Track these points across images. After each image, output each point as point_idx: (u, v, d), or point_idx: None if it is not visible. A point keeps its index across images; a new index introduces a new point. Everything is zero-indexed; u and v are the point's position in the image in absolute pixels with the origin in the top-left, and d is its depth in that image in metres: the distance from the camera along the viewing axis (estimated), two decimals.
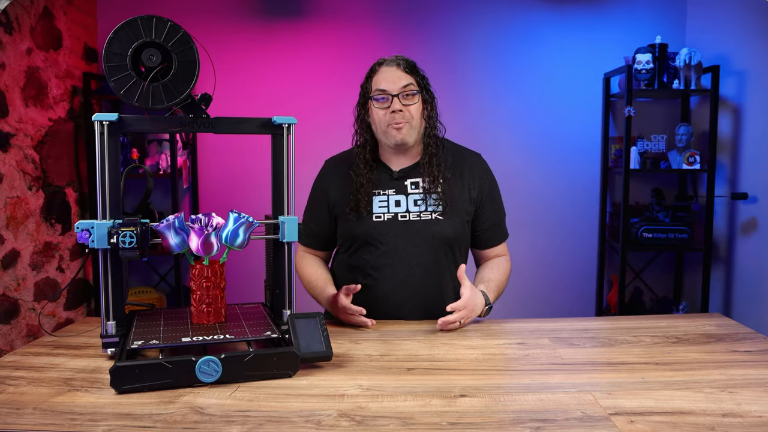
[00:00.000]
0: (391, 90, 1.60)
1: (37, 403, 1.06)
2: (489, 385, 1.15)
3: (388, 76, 1.61)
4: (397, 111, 1.59)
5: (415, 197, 1.66)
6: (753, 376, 1.20)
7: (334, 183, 1.71)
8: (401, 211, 1.65)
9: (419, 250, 1.63)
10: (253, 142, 3.17)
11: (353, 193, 1.64)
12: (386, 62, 1.64)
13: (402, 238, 1.63)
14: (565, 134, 3.37)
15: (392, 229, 1.64)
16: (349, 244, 1.69)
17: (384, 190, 1.67)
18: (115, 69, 1.23)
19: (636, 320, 1.65)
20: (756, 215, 2.84)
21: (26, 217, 2.75)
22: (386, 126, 1.61)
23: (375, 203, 1.66)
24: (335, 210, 1.70)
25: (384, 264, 1.64)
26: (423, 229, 1.63)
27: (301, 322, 1.26)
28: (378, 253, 1.64)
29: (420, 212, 1.64)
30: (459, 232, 1.66)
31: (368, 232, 1.64)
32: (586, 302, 3.46)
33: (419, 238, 1.63)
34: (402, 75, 1.61)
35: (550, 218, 3.39)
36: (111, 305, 1.28)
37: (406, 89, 1.60)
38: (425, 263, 1.64)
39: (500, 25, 3.34)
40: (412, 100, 1.61)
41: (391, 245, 1.63)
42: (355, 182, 1.65)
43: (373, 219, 1.65)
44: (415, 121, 1.62)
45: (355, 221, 1.65)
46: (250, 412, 1.03)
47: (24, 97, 2.72)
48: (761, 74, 2.81)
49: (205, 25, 3.29)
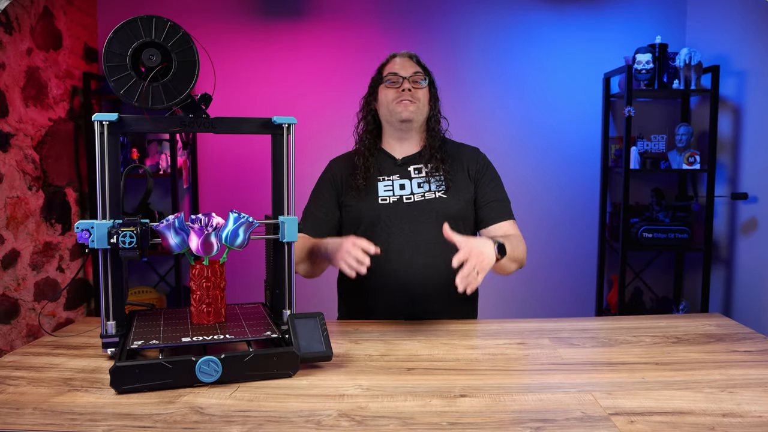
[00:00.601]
0: (402, 73, 1.69)
1: (37, 403, 1.06)
2: (489, 385, 1.15)
3: (400, 64, 1.72)
4: (406, 90, 1.68)
5: (419, 180, 1.71)
6: (753, 376, 1.20)
7: (340, 173, 1.77)
8: (406, 193, 1.70)
9: (426, 227, 1.66)
10: (253, 142, 3.18)
11: (360, 175, 1.70)
12: (399, 54, 1.76)
13: (408, 218, 1.67)
14: (565, 134, 3.37)
15: (398, 210, 1.68)
16: (354, 228, 1.71)
17: (388, 176, 1.72)
18: (115, 69, 1.23)
19: (636, 320, 1.65)
20: (756, 215, 2.84)
21: (26, 217, 2.75)
22: (394, 103, 1.68)
23: (380, 188, 1.71)
24: (342, 196, 1.74)
25: (392, 245, 1.66)
26: (428, 207, 1.68)
27: (301, 322, 1.26)
28: (385, 235, 1.66)
29: (424, 192, 1.69)
30: (463, 209, 1.70)
31: (375, 213, 1.68)
32: (586, 302, 3.46)
33: (425, 217, 1.67)
34: (413, 64, 1.73)
35: (550, 218, 3.39)
36: (111, 305, 1.28)
37: (416, 75, 1.70)
38: (433, 241, 1.65)
39: (500, 25, 3.35)
40: (421, 85, 1.71)
41: (397, 226, 1.67)
42: (361, 167, 1.71)
43: (379, 201, 1.69)
44: (422, 104, 1.70)
45: (362, 204, 1.69)
46: (250, 412, 1.03)
47: (24, 97, 2.72)
48: (761, 74, 2.81)
49: (205, 25, 3.29)
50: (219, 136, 3.28)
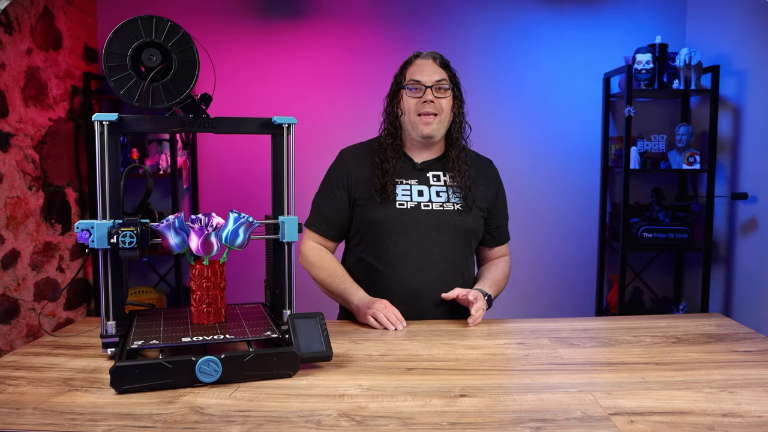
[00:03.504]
0: (425, 81, 1.64)
1: (37, 403, 1.06)
2: (489, 385, 1.15)
3: (423, 68, 1.65)
4: (428, 101, 1.63)
5: (437, 189, 1.69)
6: (753, 376, 1.20)
7: (355, 169, 1.72)
8: (424, 200, 1.68)
9: (441, 239, 1.66)
10: (253, 142, 3.18)
11: (379, 177, 1.66)
12: (422, 55, 1.69)
13: (425, 226, 1.66)
14: (565, 134, 3.37)
15: (415, 216, 1.66)
16: (367, 231, 1.69)
17: (407, 179, 1.70)
18: (115, 69, 1.23)
19: (636, 320, 1.65)
20: (756, 215, 2.84)
21: (26, 217, 2.75)
22: (415, 116, 1.65)
23: (398, 191, 1.68)
24: (355, 195, 1.70)
25: (405, 251, 1.65)
26: (446, 218, 1.66)
27: (301, 322, 1.26)
28: (400, 240, 1.65)
29: (443, 203, 1.68)
30: (477, 226, 1.71)
31: (392, 218, 1.65)
32: (586, 302, 3.46)
33: (442, 227, 1.66)
34: (437, 69, 1.66)
35: (550, 218, 3.39)
36: (111, 305, 1.28)
37: (440, 83, 1.65)
38: (446, 252, 1.66)
39: (500, 25, 3.35)
40: (444, 94, 1.65)
41: (414, 233, 1.65)
42: (381, 168, 1.67)
43: (396, 206, 1.66)
44: (444, 115, 1.66)
45: (379, 206, 1.66)
46: (250, 412, 1.03)
47: (24, 97, 2.72)
48: (761, 74, 2.81)
49: (205, 25, 3.29)
50: (219, 136, 3.28)
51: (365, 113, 1.83)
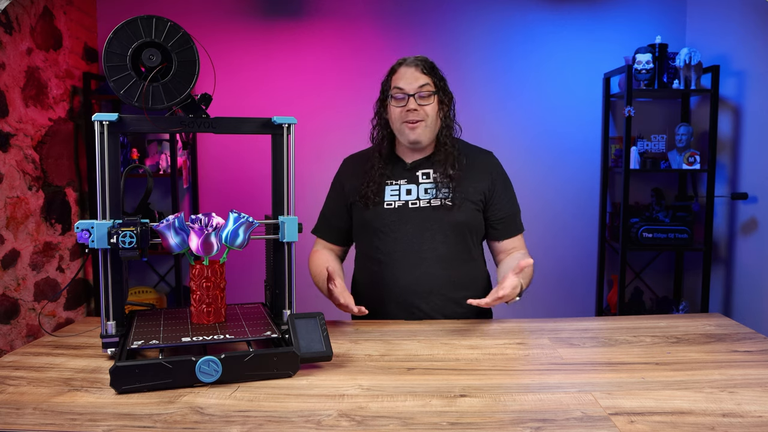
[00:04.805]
0: (407, 89, 1.64)
1: (37, 403, 1.06)
2: (489, 385, 1.15)
3: (406, 76, 1.65)
4: (411, 110, 1.63)
5: (426, 186, 1.70)
6: (753, 376, 1.20)
7: (350, 176, 1.77)
8: (412, 199, 1.69)
9: (429, 235, 1.66)
10: (253, 142, 3.19)
11: (365, 183, 1.70)
12: (406, 62, 1.67)
13: (412, 224, 1.67)
14: (565, 134, 3.37)
15: (403, 216, 1.67)
16: (361, 233, 1.74)
17: (396, 180, 1.72)
18: (115, 69, 1.23)
19: (636, 320, 1.65)
20: (756, 215, 2.84)
21: (26, 217, 2.75)
22: (401, 124, 1.65)
23: (387, 192, 1.70)
24: (350, 199, 1.75)
25: (395, 250, 1.67)
26: (433, 215, 1.67)
27: (301, 322, 1.26)
28: (389, 240, 1.67)
29: (430, 199, 1.68)
30: (469, 219, 1.68)
31: (379, 219, 1.68)
32: (586, 302, 3.46)
33: (429, 224, 1.66)
34: (420, 75, 1.64)
35: (550, 218, 3.39)
36: (111, 305, 1.28)
37: (423, 89, 1.64)
38: (435, 247, 1.66)
39: (500, 25, 3.34)
40: (427, 100, 1.64)
41: (401, 232, 1.67)
42: (368, 174, 1.70)
43: (384, 207, 1.68)
44: (430, 120, 1.65)
45: (366, 209, 1.69)
46: (250, 412, 1.03)
47: (24, 97, 2.72)
48: (761, 74, 2.81)
49: (205, 25, 3.29)
50: (219, 136, 3.28)
51: (365, 113, 1.83)
